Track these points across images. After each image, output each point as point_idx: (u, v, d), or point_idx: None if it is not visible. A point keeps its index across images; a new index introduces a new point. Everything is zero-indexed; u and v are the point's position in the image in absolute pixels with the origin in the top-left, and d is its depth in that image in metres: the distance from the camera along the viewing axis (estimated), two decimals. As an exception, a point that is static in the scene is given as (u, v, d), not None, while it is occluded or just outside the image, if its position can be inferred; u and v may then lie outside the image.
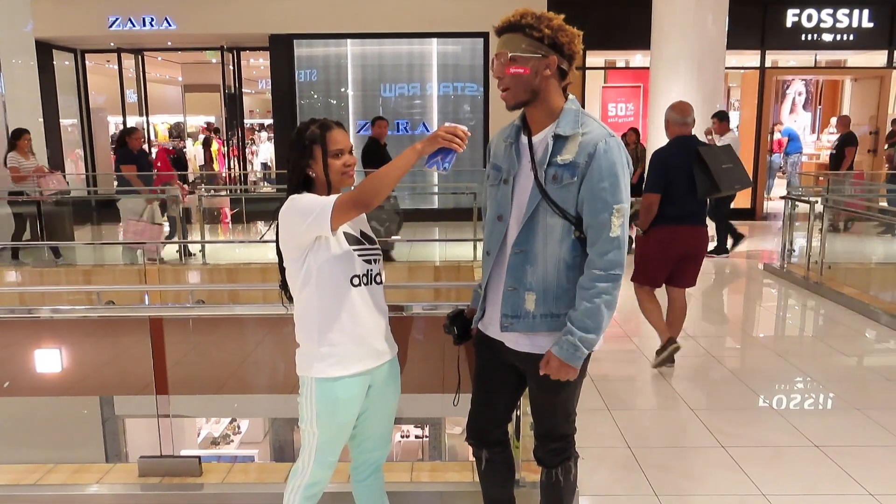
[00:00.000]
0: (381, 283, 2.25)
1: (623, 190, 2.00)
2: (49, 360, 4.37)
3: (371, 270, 2.20)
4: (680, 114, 4.49)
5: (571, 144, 2.02)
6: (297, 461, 2.28)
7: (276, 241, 2.20)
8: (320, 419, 2.17)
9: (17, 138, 8.25)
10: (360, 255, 2.17)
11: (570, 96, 2.10)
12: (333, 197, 2.06)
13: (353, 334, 2.16)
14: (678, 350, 4.66)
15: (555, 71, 2.03)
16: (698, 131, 6.34)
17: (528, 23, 2.00)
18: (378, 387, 2.26)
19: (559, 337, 2.07)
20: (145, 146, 9.92)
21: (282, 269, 2.24)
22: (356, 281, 2.16)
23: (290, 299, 2.24)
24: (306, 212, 2.05)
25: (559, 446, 2.28)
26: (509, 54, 2.02)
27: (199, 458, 3.05)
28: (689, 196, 4.37)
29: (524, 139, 2.12)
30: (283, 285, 2.26)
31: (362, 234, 2.22)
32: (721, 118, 8.29)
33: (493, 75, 2.10)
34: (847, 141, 9.95)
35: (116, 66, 13.19)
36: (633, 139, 9.92)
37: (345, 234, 2.16)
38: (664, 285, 4.68)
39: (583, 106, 2.13)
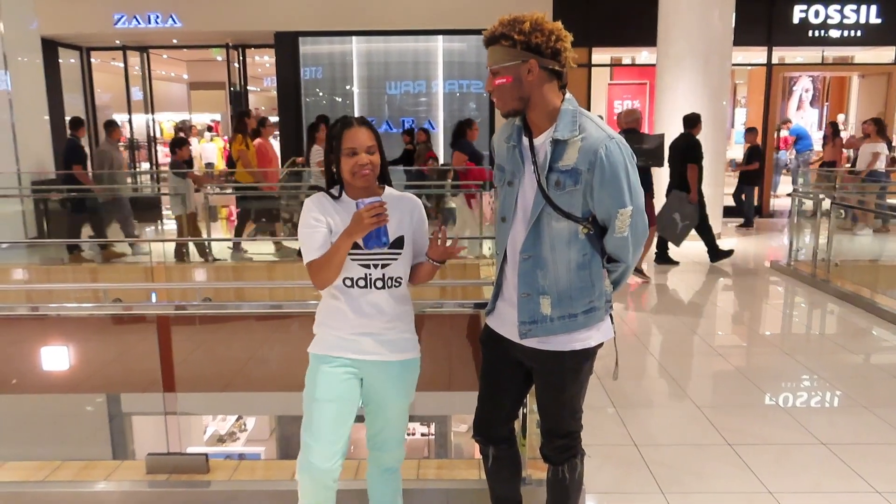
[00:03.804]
0: (383, 287, 2.21)
1: (627, 192, 2.00)
2: (57, 357, 4.39)
3: (370, 275, 2.19)
4: (624, 117, 6.98)
5: (571, 149, 2.01)
6: None
7: None
8: (306, 391, 2.28)
9: (318, 130, 8.00)
10: (354, 260, 2.18)
11: (568, 96, 2.07)
12: (314, 252, 2.17)
13: (337, 327, 2.24)
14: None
15: (539, 72, 2.00)
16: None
17: (500, 33, 2.00)
18: (373, 385, 2.28)
19: None
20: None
21: None
22: (348, 283, 2.20)
23: None
24: (301, 238, 2.21)
25: (565, 443, 2.28)
26: (490, 67, 2.04)
27: (206, 455, 3.06)
28: None
29: (526, 141, 2.11)
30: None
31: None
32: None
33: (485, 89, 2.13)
34: (753, 155, 10.18)
35: (122, 64, 13.21)
36: (422, 138, 9.60)
37: None
38: None
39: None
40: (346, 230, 2.10)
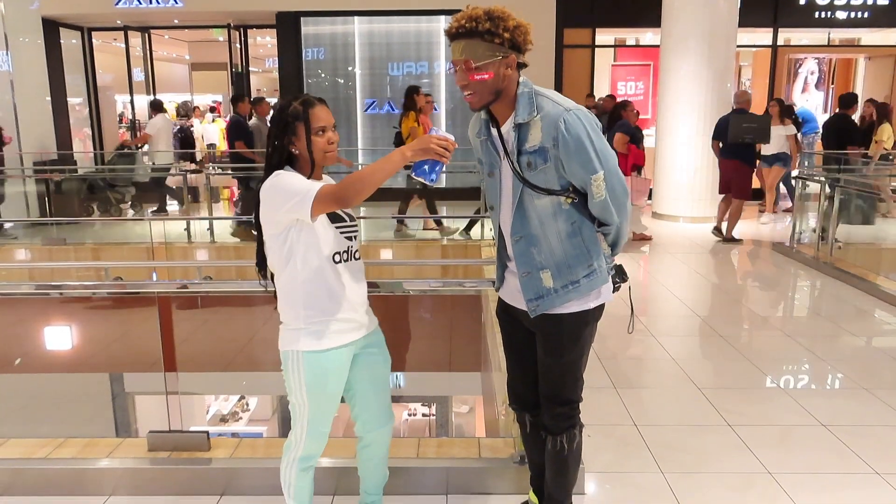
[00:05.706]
0: (359, 258, 2.27)
1: (595, 158, 2.03)
2: (59, 337, 4.41)
3: (351, 247, 2.23)
4: (737, 98, 7.77)
5: (534, 130, 2.05)
6: (290, 435, 2.33)
7: (256, 216, 2.18)
8: (310, 391, 2.21)
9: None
10: (341, 232, 2.20)
11: (521, 79, 2.10)
12: (317, 185, 2.04)
13: (337, 310, 2.19)
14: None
15: (514, 67, 2.06)
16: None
17: (485, 28, 1.99)
18: (364, 356, 2.30)
19: None
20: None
21: (260, 244, 2.24)
22: (337, 258, 2.18)
23: (265, 276, 2.27)
24: (290, 194, 2.04)
25: (565, 412, 2.31)
26: (473, 63, 2.01)
27: (207, 433, 3.08)
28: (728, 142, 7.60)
29: (494, 131, 2.16)
30: (260, 262, 2.27)
31: (343, 210, 2.21)
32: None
33: (456, 83, 2.09)
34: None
35: (123, 45, 13.14)
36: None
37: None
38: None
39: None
40: (406, 145, 2.00)
